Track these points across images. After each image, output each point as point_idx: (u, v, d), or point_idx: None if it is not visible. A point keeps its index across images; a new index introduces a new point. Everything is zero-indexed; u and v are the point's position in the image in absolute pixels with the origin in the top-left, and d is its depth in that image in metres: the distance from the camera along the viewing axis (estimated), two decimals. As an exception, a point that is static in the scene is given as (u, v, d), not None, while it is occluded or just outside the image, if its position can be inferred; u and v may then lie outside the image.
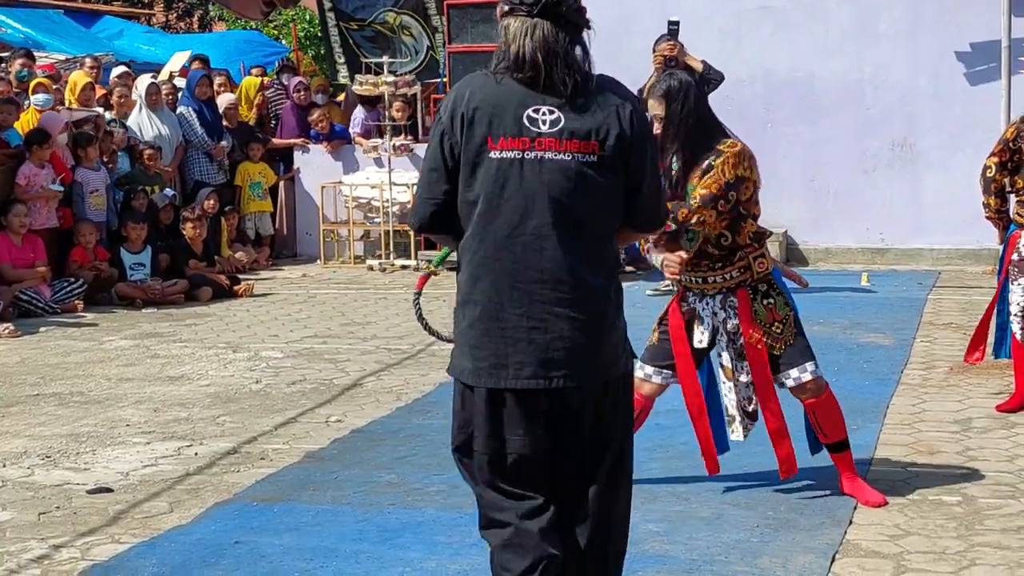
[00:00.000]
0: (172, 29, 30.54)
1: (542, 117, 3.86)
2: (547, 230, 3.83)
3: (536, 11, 3.90)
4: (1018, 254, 7.38)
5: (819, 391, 5.76)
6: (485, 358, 3.89)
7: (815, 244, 14.17)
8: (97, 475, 6.56)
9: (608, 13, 14.51)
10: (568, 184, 3.83)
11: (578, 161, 3.84)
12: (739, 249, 5.74)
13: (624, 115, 3.93)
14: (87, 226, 12.22)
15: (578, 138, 3.85)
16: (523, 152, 3.84)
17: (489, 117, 3.85)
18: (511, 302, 3.86)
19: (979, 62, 13.75)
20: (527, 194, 3.83)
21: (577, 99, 3.89)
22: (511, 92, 3.88)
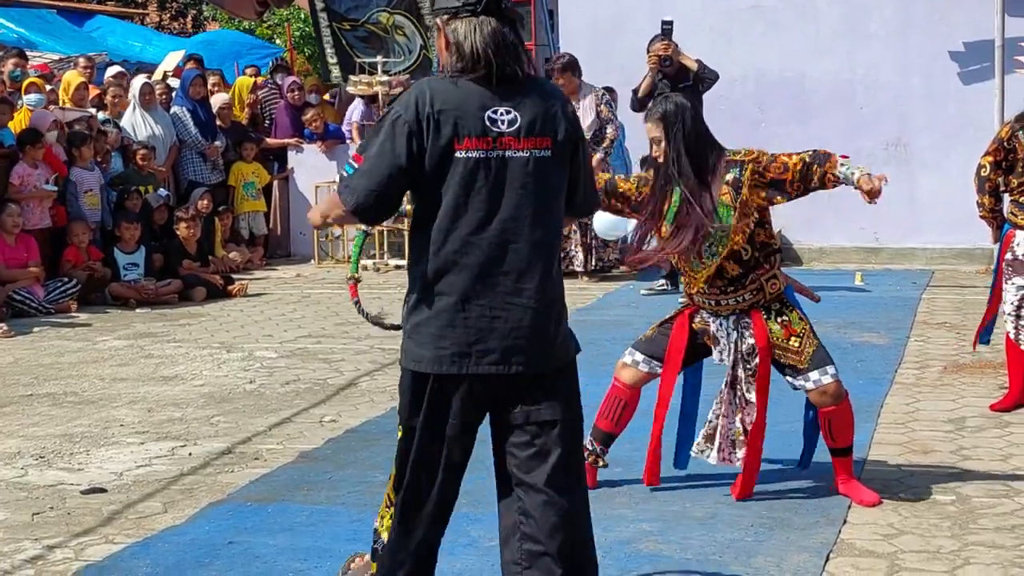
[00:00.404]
0: (165, 29, 30.49)
1: (501, 117, 4.06)
2: (510, 225, 4.05)
3: (481, 9, 4.08)
4: (1012, 253, 7.38)
5: (839, 398, 5.77)
6: (448, 347, 4.07)
7: (809, 244, 14.19)
8: (91, 475, 6.56)
9: (601, 13, 14.56)
10: (528, 179, 4.07)
11: (535, 156, 4.08)
12: (752, 270, 5.74)
13: (567, 111, 4.18)
14: (80, 226, 12.21)
15: (534, 135, 4.08)
16: (487, 152, 4.04)
17: (454, 119, 4.03)
18: (476, 294, 4.06)
19: (972, 61, 13.77)
20: (491, 191, 4.04)
21: (527, 96, 4.10)
22: (470, 93, 4.07)
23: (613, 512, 5.73)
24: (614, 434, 6.08)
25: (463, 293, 4.07)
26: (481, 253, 4.06)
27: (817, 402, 5.78)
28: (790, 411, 5.97)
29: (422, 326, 4.12)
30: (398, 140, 4.05)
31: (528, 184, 4.08)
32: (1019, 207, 7.37)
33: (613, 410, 6.03)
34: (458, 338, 4.08)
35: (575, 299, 11.68)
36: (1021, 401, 7.42)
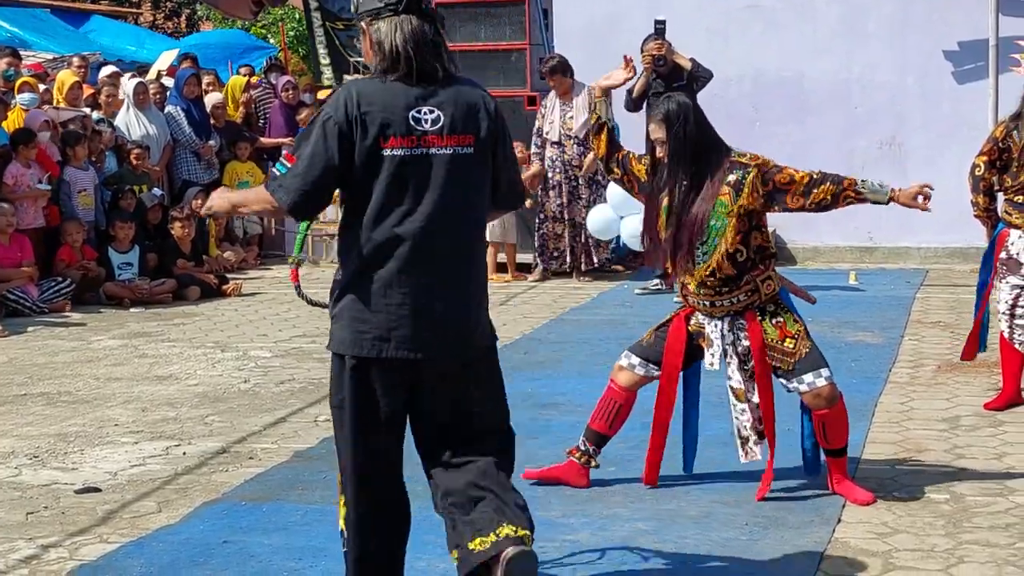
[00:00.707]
0: (159, 29, 30.46)
1: (424, 116, 4.30)
2: (434, 218, 4.29)
3: (402, 8, 4.32)
4: (1006, 253, 7.39)
5: (833, 401, 5.76)
6: (369, 331, 4.31)
7: (803, 243, 14.19)
8: (85, 475, 6.55)
9: (597, 12, 14.56)
10: (451, 176, 4.31)
11: (458, 154, 4.32)
12: (747, 271, 5.74)
13: (490, 108, 4.42)
14: (73, 225, 12.19)
15: (456, 133, 4.32)
16: (411, 150, 4.28)
17: (380, 119, 4.27)
18: (399, 283, 4.30)
19: (967, 61, 13.78)
20: (416, 187, 4.29)
21: (450, 95, 4.35)
22: (395, 94, 4.30)
23: (608, 511, 5.73)
24: (608, 436, 6.07)
25: (386, 281, 4.31)
26: (405, 245, 4.28)
27: (811, 404, 5.78)
28: (785, 411, 5.97)
29: (346, 311, 4.37)
30: (329, 141, 4.27)
31: (451, 180, 4.31)
32: (1013, 206, 7.38)
33: (608, 412, 6.02)
34: (379, 323, 4.30)
35: (569, 299, 11.70)
36: (1015, 400, 7.43)
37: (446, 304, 4.35)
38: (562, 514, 5.70)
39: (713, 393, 6.32)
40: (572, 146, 12.73)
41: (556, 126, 12.79)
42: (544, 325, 10.47)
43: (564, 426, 7.03)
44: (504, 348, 9.47)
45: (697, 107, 5.85)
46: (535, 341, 9.79)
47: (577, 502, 5.86)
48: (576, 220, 12.83)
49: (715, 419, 6.31)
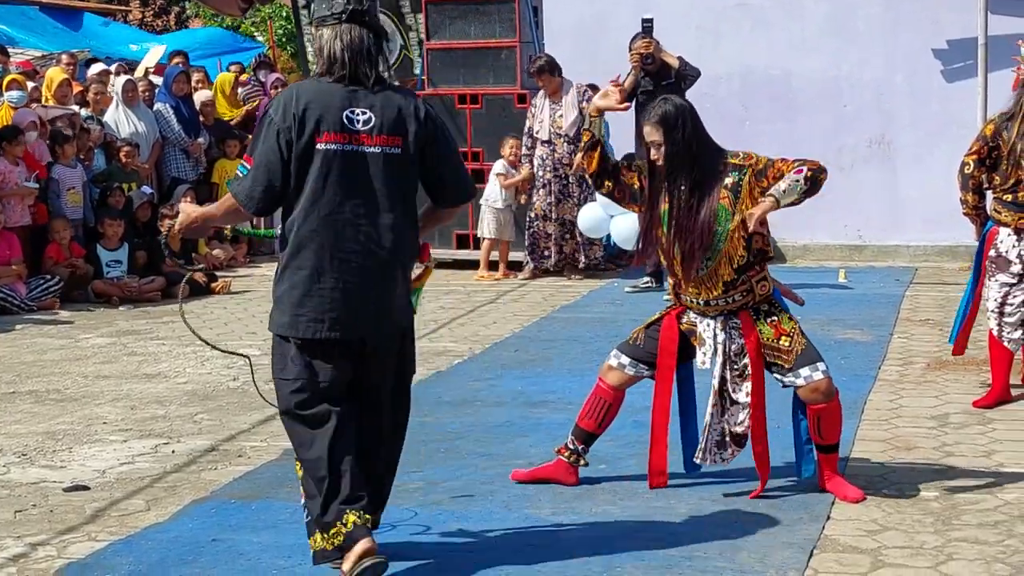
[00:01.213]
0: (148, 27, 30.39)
1: (358, 117, 4.78)
2: (361, 210, 4.77)
3: (345, 17, 4.80)
4: (995, 251, 7.40)
5: (830, 396, 5.75)
6: (305, 314, 4.78)
7: (793, 241, 14.20)
8: (74, 473, 6.54)
9: (586, 10, 14.56)
10: (379, 172, 4.79)
11: (386, 153, 4.80)
12: (745, 271, 5.73)
13: (421, 115, 4.89)
14: (61, 223, 12.17)
15: (385, 134, 4.80)
16: (343, 145, 4.76)
17: (317, 115, 4.74)
18: (330, 268, 4.77)
19: (956, 59, 13.80)
20: (347, 180, 4.75)
21: (382, 99, 4.83)
22: (332, 94, 4.79)
23: (597, 508, 5.73)
24: (596, 434, 6.06)
25: (318, 267, 4.77)
26: (334, 232, 4.75)
27: (808, 399, 5.77)
28: (777, 410, 5.97)
29: (284, 296, 4.83)
30: (271, 140, 4.76)
31: (379, 176, 4.79)
32: (1002, 204, 7.39)
33: (597, 411, 6.01)
34: (314, 306, 4.78)
35: (559, 297, 11.71)
36: (1003, 398, 7.45)
37: (372, 288, 4.80)
38: (552, 512, 5.70)
39: (705, 393, 6.31)
40: (562, 145, 12.73)
41: (546, 125, 12.79)
42: (534, 323, 10.47)
43: (554, 424, 7.02)
44: (494, 346, 9.50)
45: (693, 109, 5.82)
46: (525, 339, 9.79)
47: (567, 500, 5.86)
48: (566, 219, 12.83)
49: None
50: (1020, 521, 5.47)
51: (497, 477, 6.20)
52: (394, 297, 4.88)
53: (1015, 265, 7.35)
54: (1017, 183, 7.30)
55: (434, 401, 7.81)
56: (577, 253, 12.93)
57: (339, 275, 4.77)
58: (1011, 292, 7.37)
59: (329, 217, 4.75)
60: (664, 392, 5.91)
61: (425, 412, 7.49)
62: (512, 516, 5.66)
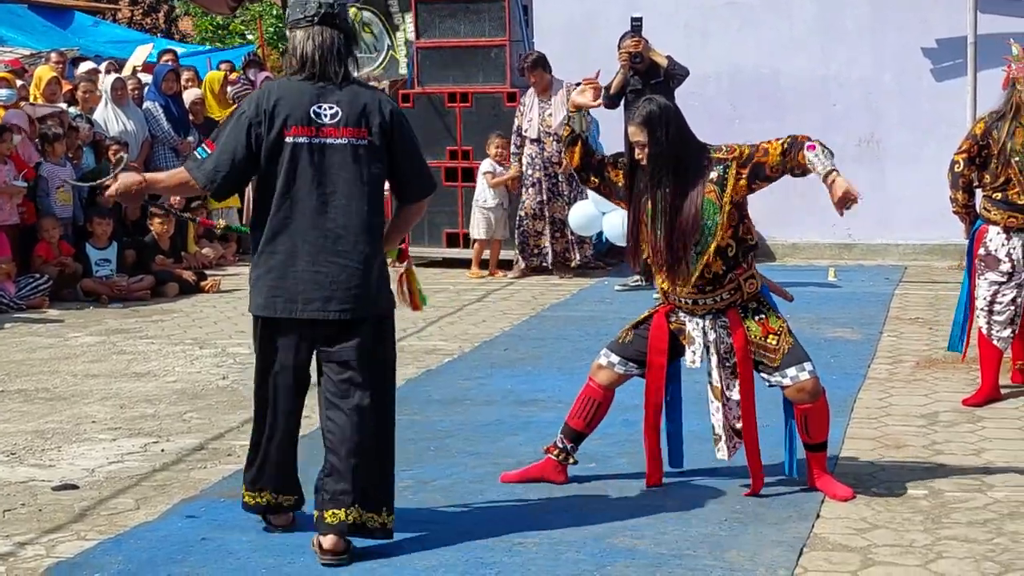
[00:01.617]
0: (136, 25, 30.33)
1: (324, 111, 5.11)
2: (330, 198, 5.10)
3: (317, 20, 5.16)
4: (985, 249, 7.42)
5: (816, 396, 5.76)
6: (279, 295, 5.14)
7: (782, 240, 14.21)
8: (63, 472, 6.53)
9: (576, 9, 14.56)
10: (346, 162, 5.11)
11: (352, 144, 5.12)
12: (732, 269, 5.73)
13: (385, 110, 5.21)
14: (50, 221, 12.14)
15: (351, 126, 5.12)
16: (310, 138, 5.09)
17: (286, 111, 5.09)
18: (302, 253, 5.10)
19: (945, 58, 13.81)
20: (315, 170, 5.09)
21: (348, 95, 5.14)
22: (301, 91, 5.14)
23: (586, 506, 5.73)
24: (585, 433, 6.06)
25: (291, 252, 5.11)
26: (305, 219, 5.09)
27: (794, 399, 5.77)
28: (767, 408, 5.98)
29: (260, 279, 5.19)
30: (240, 132, 5.10)
31: (346, 165, 5.11)
32: (992, 203, 7.40)
33: (586, 410, 6.01)
34: (288, 288, 5.13)
35: (549, 295, 11.71)
36: (993, 396, 7.46)
37: (342, 272, 5.11)
38: (541, 510, 5.70)
39: (692, 390, 6.32)
40: (551, 143, 12.72)
41: (535, 123, 12.79)
42: (524, 322, 10.47)
43: (544, 422, 7.02)
44: (484, 345, 9.49)
45: (677, 109, 5.82)
46: (515, 338, 9.78)
47: (556, 498, 5.86)
48: (556, 217, 12.83)
49: (695, 416, 6.31)
50: (1009, 519, 5.48)
51: (487, 475, 6.20)
52: (368, 281, 5.15)
53: (1004, 264, 7.37)
54: (1007, 182, 7.31)
55: (424, 399, 7.81)
56: (567, 252, 12.93)
57: (310, 259, 5.10)
58: (1000, 290, 7.38)
59: (300, 205, 5.10)
60: (656, 390, 5.91)
61: (415, 411, 7.49)
62: (502, 514, 5.66)
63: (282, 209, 5.12)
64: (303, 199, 5.09)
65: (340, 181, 5.11)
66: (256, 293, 5.22)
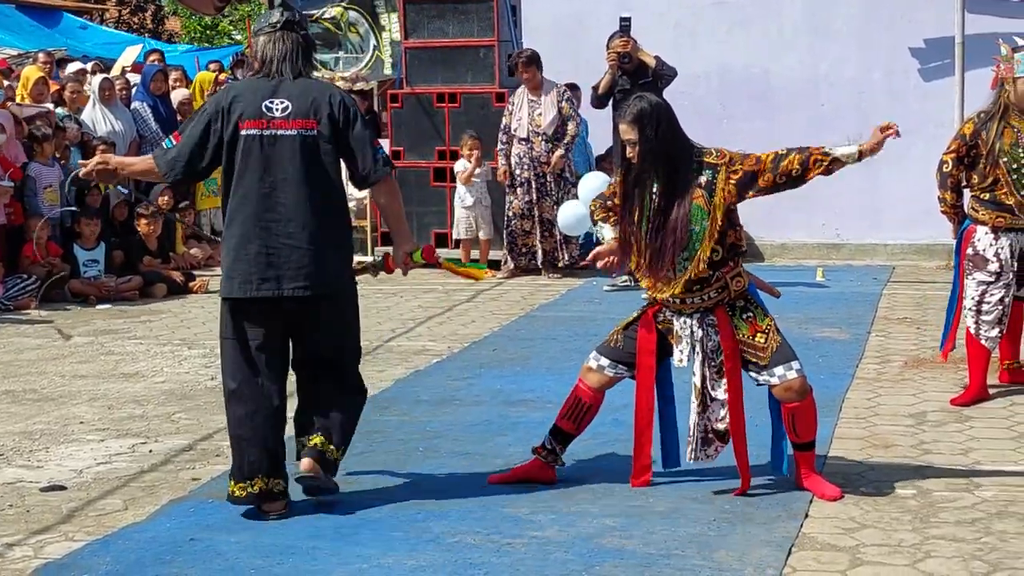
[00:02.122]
0: (124, 25, 30.29)
1: (275, 106, 5.62)
2: (279, 184, 5.56)
3: (279, 26, 5.75)
4: (973, 249, 7.43)
5: (803, 394, 5.76)
6: (236, 276, 5.57)
7: (770, 240, 14.22)
8: (51, 473, 6.51)
9: (564, 9, 14.56)
10: (296, 151, 5.59)
11: (301, 135, 5.60)
12: (719, 268, 5.74)
13: (334, 102, 5.67)
14: (37, 221, 12.10)
15: (300, 118, 5.60)
16: (262, 130, 5.59)
17: (241, 106, 5.62)
18: (255, 236, 5.55)
19: (933, 58, 13.83)
20: (265, 159, 5.57)
21: (300, 90, 5.65)
22: (257, 89, 5.68)
23: (575, 507, 5.73)
24: (574, 435, 6.06)
25: (244, 235, 5.56)
26: (257, 204, 5.55)
27: (782, 398, 5.77)
28: (755, 407, 5.98)
29: (223, 261, 5.63)
30: (200, 126, 5.64)
31: (296, 154, 5.57)
32: (980, 203, 7.41)
33: (576, 412, 6.01)
34: (242, 270, 5.56)
35: (538, 295, 11.71)
36: (981, 396, 7.47)
37: (292, 253, 5.54)
38: (530, 511, 5.69)
39: (681, 390, 6.32)
40: (540, 143, 12.73)
41: (524, 122, 12.78)
42: (513, 322, 10.47)
43: (533, 423, 7.02)
44: (473, 345, 9.49)
45: (668, 107, 5.82)
46: (504, 338, 9.78)
47: (544, 498, 5.86)
48: (544, 217, 12.82)
49: (682, 416, 6.30)
50: (997, 518, 5.49)
51: (475, 476, 6.20)
52: (320, 260, 5.58)
53: (992, 263, 7.38)
54: (995, 182, 7.33)
55: (412, 400, 7.80)
56: (556, 251, 12.94)
57: (262, 241, 5.55)
58: (988, 290, 7.39)
59: (251, 192, 5.57)
60: (646, 391, 5.91)
61: (403, 411, 7.48)
62: (490, 515, 5.66)
63: (236, 195, 5.59)
64: (254, 186, 5.56)
65: (288, 168, 5.57)
66: (222, 277, 5.66)
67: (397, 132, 13.76)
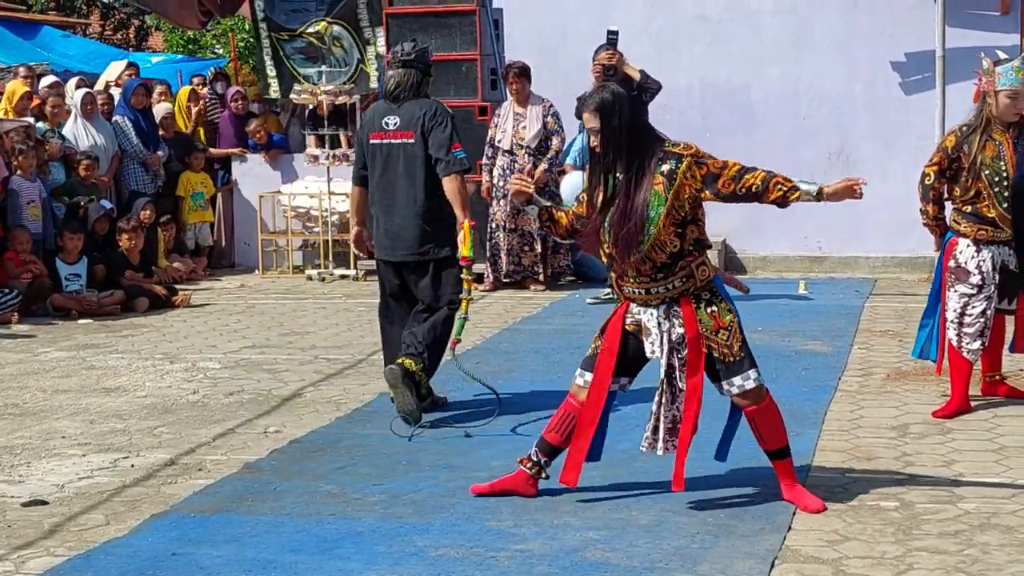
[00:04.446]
0: (108, 40, 30.23)
1: (390, 121, 7.78)
2: (394, 180, 7.76)
3: (399, 64, 7.86)
4: (955, 261, 7.45)
5: (760, 398, 5.79)
6: (379, 245, 7.85)
7: (753, 252, 14.25)
8: (32, 487, 6.49)
9: (544, 23, 14.60)
10: (401, 156, 7.73)
11: (405, 143, 7.72)
12: (681, 258, 5.75)
13: (428, 114, 7.72)
14: (21, 233, 12.07)
15: (403, 130, 7.73)
16: (381, 140, 7.79)
17: (371, 124, 7.88)
18: (384, 218, 7.82)
19: (914, 72, 13.90)
20: (384, 161, 7.78)
21: (408, 109, 7.75)
22: (381, 109, 7.92)
23: (559, 520, 5.72)
24: (560, 449, 6.05)
25: (376, 217, 7.86)
26: (382, 195, 7.81)
27: (740, 404, 5.80)
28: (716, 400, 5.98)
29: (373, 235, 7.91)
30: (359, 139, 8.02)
31: (401, 158, 7.72)
32: (962, 216, 7.44)
33: (564, 425, 6.00)
34: (379, 241, 7.85)
35: (521, 308, 11.72)
36: (963, 408, 7.48)
37: (401, 229, 7.71)
38: (513, 524, 5.69)
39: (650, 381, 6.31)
40: (524, 156, 12.74)
41: (508, 135, 12.80)
42: (496, 335, 10.47)
43: (515, 436, 7.01)
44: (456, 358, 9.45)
45: (632, 96, 5.89)
46: (487, 351, 9.77)
47: (528, 511, 5.85)
48: (526, 230, 12.83)
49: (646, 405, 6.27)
50: (980, 530, 5.50)
51: (458, 489, 6.19)
52: (421, 235, 7.69)
53: (974, 276, 7.40)
54: (977, 194, 7.35)
55: (395, 413, 7.79)
56: (536, 265, 12.94)
57: (386, 220, 7.78)
58: (970, 303, 7.41)
59: (378, 185, 7.80)
60: (601, 386, 5.86)
61: (386, 424, 7.47)
62: (473, 528, 5.65)
63: (372, 189, 7.84)
64: (379, 180, 7.78)
65: (397, 168, 7.71)
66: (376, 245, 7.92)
67: (380, 146, 13.72)
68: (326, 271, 14.21)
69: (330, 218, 14.27)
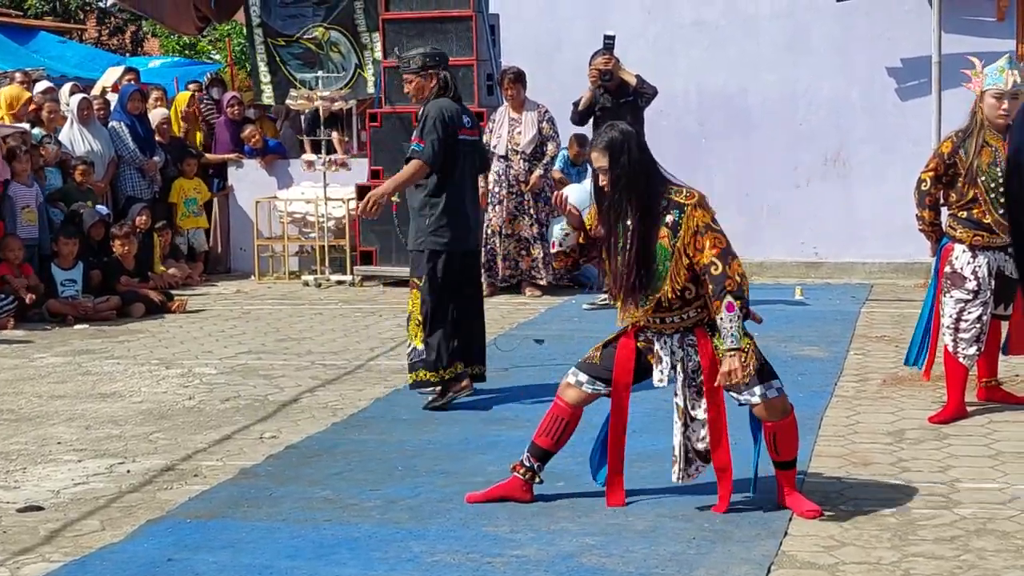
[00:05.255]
0: (103, 45, 30.24)
1: (467, 120, 8.28)
2: (468, 173, 8.33)
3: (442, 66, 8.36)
4: (951, 267, 7.45)
5: (785, 413, 5.77)
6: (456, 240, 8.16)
7: (749, 258, 14.17)
8: (27, 493, 6.48)
9: (540, 28, 14.60)
10: (473, 151, 8.37)
11: (473, 140, 8.37)
12: (697, 295, 5.75)
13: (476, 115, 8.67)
14: (14, 241, 12.06)
15: (473, 128, 8.35)
16: (467, 137, 8.22)
17: (457, 118, 8.19)
18: (470, 210, 8.30)
19: (910, 77, 13.90)
20: (464, 157, 8.24)
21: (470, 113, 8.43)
22: (454, 106, 8.24)
23: (555, 526, 5.72)
24: (552, 452, 6.05)
25: (464, 209, 8.25)
26: (470, 189, 8.40)
27: (763, 416, 5.78)
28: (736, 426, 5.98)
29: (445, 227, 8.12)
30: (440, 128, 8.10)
31: (474, 154, 8.40)
32: (958, 221, 7.44)
33: (554, 428, 6.00)
34: (458, 233, 8.16)
35: (517, 314, 11.71)
36: (959, 413, 7.48)
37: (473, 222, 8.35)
38: (509, 529, 5.69)
39: (663, 408, 6.33)
40: (519, 161, 12.75)
41: (503, 140, 12.81)
42: (491, 341, 10.44)
43: (512, 441, 7.01)
44: (451, 364, 9.45)
45: (639, 134, 5.86)
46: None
47: (524, 517, 5.85)
48: (522, 235, 12.83)
49: (665, 434, 6.30)
50: (976, 536, 5.50)
51: (455, 495, 6.19)
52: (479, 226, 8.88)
53: (970, 281, 7.40)
54: (973, 200, 7.35)
55: (391, 419, 7.79)
56: (533, 270, 12.94)
57: (472, 212, 8.36)
58: (966, 308, 7.41)
59: (464, 179, 8.29)
60: (620, 410, 5.91)
61: (382, 430, 7.47)
62: (469, 534, 5.65)
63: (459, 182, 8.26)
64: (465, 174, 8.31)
65: (470, 162, 8.31)
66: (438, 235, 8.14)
67: (376, 151, 13.76)
68: (322, 276, 14.20)
69: (326, 223, 14.26)
